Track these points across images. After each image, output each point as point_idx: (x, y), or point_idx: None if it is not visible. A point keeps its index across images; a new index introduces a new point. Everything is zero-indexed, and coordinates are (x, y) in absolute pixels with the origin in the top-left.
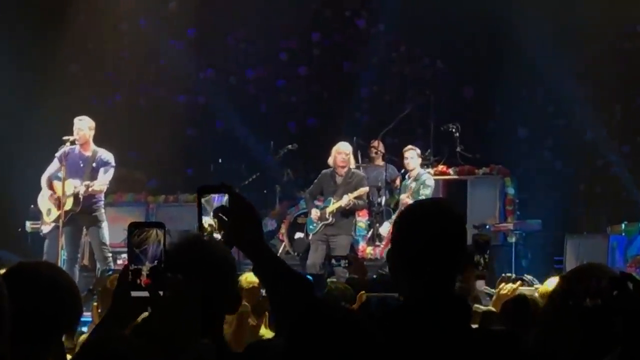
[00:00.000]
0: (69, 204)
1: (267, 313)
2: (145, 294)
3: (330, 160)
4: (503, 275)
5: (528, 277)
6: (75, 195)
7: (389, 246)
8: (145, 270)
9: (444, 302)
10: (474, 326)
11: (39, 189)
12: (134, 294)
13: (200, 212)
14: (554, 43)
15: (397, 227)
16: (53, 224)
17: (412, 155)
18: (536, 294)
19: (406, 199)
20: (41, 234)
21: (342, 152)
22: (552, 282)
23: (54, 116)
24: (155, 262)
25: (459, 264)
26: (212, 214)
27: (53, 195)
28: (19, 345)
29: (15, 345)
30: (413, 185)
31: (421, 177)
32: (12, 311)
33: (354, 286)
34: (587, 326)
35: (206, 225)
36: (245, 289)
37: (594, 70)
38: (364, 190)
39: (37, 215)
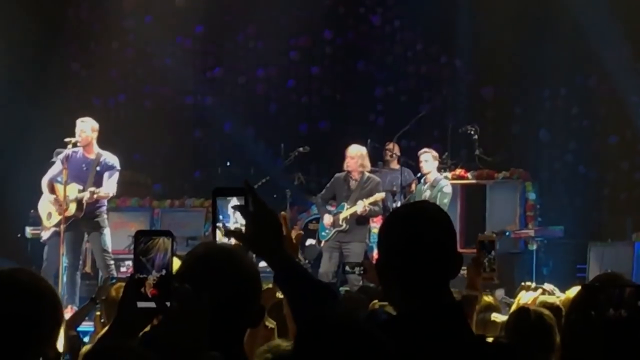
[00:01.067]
0: (71, 209)
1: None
2: (152, 304)
3: (345, 165)
4: (522, 284)
5: (549, 286)
6: (79, 201)
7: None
8: (151, 280)
9: (434, 312)
10: (490, 338)
11: (40, 193)
12: (140, 304)
13: (216, 216)
14: (578, 40)
15: (382, 235)
16: (52, 230)
17: (427, 159)
18: (558, 303)
19: None
20: (41, 240)
21: (348, 157)
22: (574, 292)
23: (55, 117)
24: (163, 271)
25: (450, 271)
26: (230, 210)
27: (57, 200)
28: None
29: None
30: (428, 192)
31: (439, 183)
32: None
33: (368, 294)
34: (611, 338)
35: (221, 231)
36: (262, 291)
37: (618, 70)
38: (380, 196)
39: (37, 221)
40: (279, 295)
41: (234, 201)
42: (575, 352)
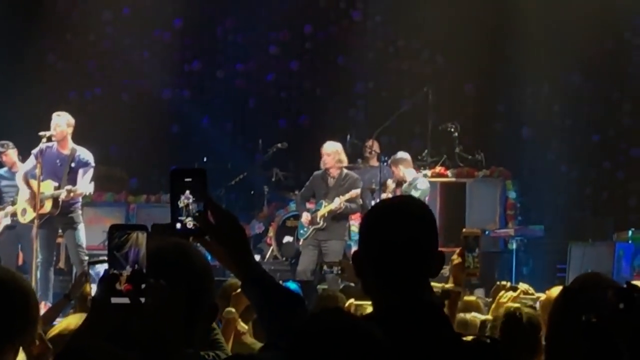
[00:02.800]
0: (47, 207)
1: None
2: (126, 300)
3: (322, 163)
4: (498, 283)
5: (524, 285)
6: (55, 199)
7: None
8: (126, 275)
9: (414, 309)
10: (469, 338)
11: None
12: (114, 300)
13: (175, 200)
14: (561, 38)
15: (362, 228)
16: (3, 225)
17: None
18: (537, 304)
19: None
20: None
21: (325, 154)
22: (554, 292)
23: (30, 110)
24: (136, 266)
25: (430, 268)
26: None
27: (31, 195)
28: None
29: None
30: (404, 188)
31: (415, 181)
32: None
33: (348, 294)
34: (593, 340)
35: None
36: (233, 295)
37: (602, 68)
38: (355, 192)
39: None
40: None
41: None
42: (559, 355)
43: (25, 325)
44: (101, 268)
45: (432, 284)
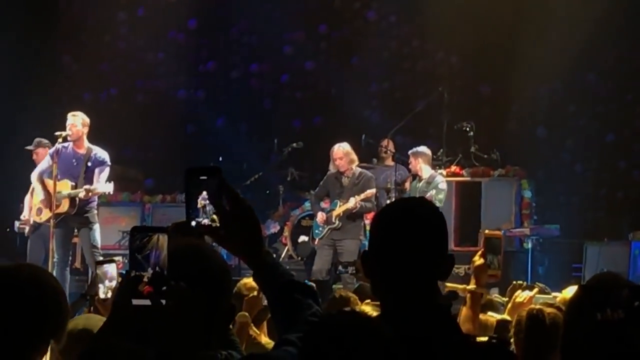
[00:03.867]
0: (64, 206)
1: (265, 322)
2: (147, 302)
3: (333, 167)
4: (514, 283)
5: (540, 285)
6: (72, 198)
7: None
8: (147, 277)
9: (421, 311)
10: (482, 339)
11: (28, 187)
12: (135, 302)
13: (190, 199)
14: (576, 38)
15: (372, 229)
16: (33, 224)
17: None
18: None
19: None
20: (25, 234)
21: (337, 159)
22: (570, 291)
23: (46, 111)
24: (157, 268)
25: (439, 271)
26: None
27: (47, 195)
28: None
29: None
30: (423, 189)
31: (434, 180)
32: None
33: (363, 294)
34: (608, 339)
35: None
36: (245, 299)
37: (617, 68)
38: (370, 192)
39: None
40: (265, 302)
41: (204, 197)
42: (574, 353)
43: (59, 320)
44: (108, 268)
45: (453, 285)
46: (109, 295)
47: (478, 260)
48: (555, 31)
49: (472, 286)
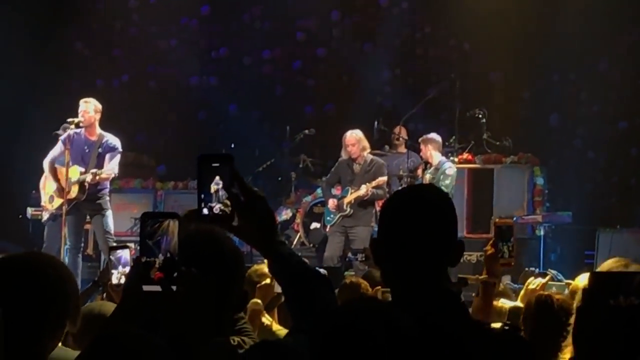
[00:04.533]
0: (74, 192)
1: (276, 309)
2: (158, 288)
3: (345, 154)
4: (526, 269)
5: (552, 271)
6: (81, 183)
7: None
8: (158, 263)
9: (431, 298)
10: (495, 325)
11: (41, 173)
12: (145, 288)
13: (202, 186)
14: (588, 25)
15: (382, 216)
16: (51, 211)
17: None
18: (566, 291)
19: None
20: (42, 221)
21: (349, 145)
22: (582, 279)
23: (58, 97)
24: (168, 254)
25: (448, 258)
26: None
27: (59, 182)
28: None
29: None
30: (429, 176)
31: (442, 165)
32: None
33: (372, 280)
34: (621, 326)
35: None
36: (258, 287)
37: (629, 55)
38: (382, 179)
39: (38, 202)
40: (277, 290)
41: (217, 181)
42: (587, 341)
43: (75, 305)
44: (122, 253)
45: (467, 276)
46: (122, 281)
47: (489, 249)
48: (567, 18)
49: (484, 276)
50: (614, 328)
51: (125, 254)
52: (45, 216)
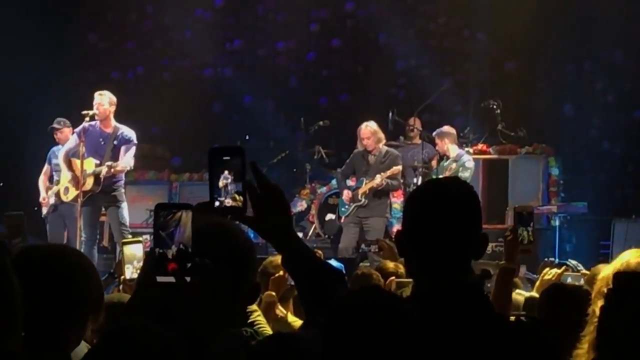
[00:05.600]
0: (89, 184)
1: (291, 300)
2: (172, 279)
3: (360, 146)
4: (545, 260)
5: (572, 262)
6: (97, 175)
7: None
8: (171, 254)
9: (455, 290)
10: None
11: (41, 168)
12: (159, 279)
13: (214, 179)
14: (603, 14)
15: (407, 208)
16: (50, 205)
17: (444, 143)
18: (582, 281)
19: None
20: (42, 216)
21: (364, 138)
22: (599, 269)
23: (72, 90)
24: (181, 246)
25: (473, 251)
26: (221, 183)
27: (74, 174)
28: (34, 334)
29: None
30: (452, 166)
31: (461, 158)
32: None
33: (384, 272)
34: None
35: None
36: (272, 279)
37: None
38: (397, 169)
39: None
40: (292, 282)
41: (226, 176)
42: (610, 342)
43: (98, 299)
44: (136, 248)
45: (486, 262)
46: (135, 275)
47: (509, 235)
48: (581, 7)
49: (503, 262)
50: (637, 329)
51: (138, 249)
52: (44, 210)
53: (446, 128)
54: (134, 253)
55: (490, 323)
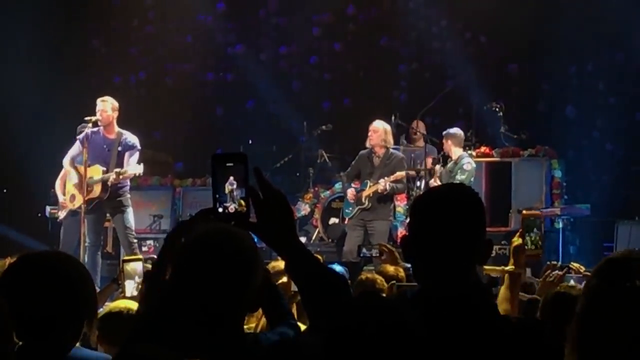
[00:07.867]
0: (96, 191)
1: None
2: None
3: (368, 140)
4: (548, 263)
5: (575, 265)
6: (104, 182)
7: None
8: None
9: (459, 292)
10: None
11: (59, 172)
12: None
13: (217, 185)
14: (604, 16)
15: (412, 212)
16: (68, 209)
17: (448, 144)
18: (584, 283)
19: (433, 183)
20: (58, 219)
21: (372, 130)
22: None
23: (75, 95)
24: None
25: (477, 256)
26: (227, 189)
27: (80, 181)
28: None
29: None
30: (449, 169)
31: (461, 160)
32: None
33: (385, 275)
34: (632, 308)
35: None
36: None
37: None
38: (400, 174)
39: (57, 200)
40: (294, 288)
41: (231, 182)
42: (594, 320)
43: (93, 306)
44: (135, 265)
45: (492, 267)
46: (135, 292)
47: (516, 240)
48: (583, 9)
49: (510, 267)
50: (628, 309)
51: (139, 266)
52: (63, 214)
53: (454, 130)
54: (135, 268)
55: (495, 321)
